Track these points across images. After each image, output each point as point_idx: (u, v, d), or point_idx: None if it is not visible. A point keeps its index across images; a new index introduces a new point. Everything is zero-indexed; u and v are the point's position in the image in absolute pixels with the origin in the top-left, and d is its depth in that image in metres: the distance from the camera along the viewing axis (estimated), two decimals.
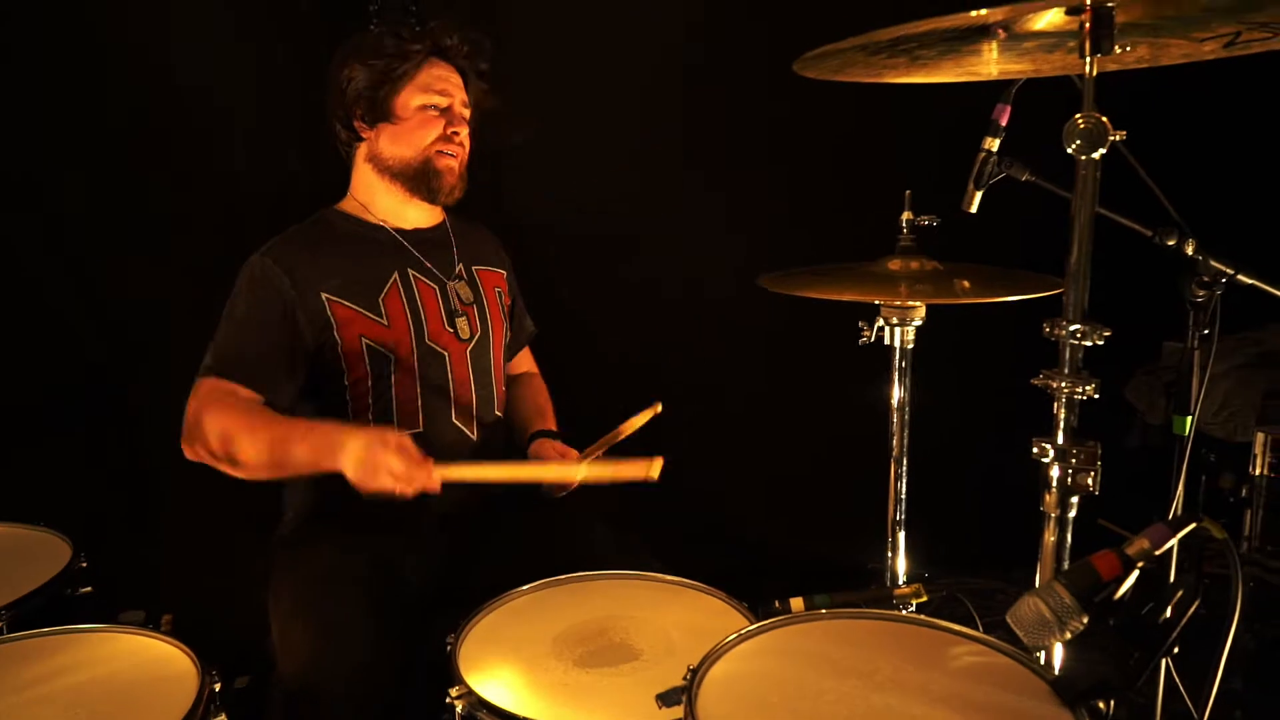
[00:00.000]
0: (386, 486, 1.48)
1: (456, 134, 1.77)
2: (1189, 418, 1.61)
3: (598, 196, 2.32)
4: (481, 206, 1.97)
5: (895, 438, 1.56)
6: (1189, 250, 1.52)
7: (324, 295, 1.69)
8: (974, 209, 1.53)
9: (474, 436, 1.81)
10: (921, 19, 1.01)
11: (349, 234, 1.80)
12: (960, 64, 1.26)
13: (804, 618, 1.23)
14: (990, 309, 1.38)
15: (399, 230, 1.82)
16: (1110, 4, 0.93)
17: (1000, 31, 1.19)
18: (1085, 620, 0.95)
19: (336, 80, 1.76)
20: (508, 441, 1.92)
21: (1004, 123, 1.49)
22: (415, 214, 1.84)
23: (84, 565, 1.72)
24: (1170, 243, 1.53)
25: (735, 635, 1.18)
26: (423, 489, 1.50)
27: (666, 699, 1.23)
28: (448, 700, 1.35)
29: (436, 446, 1.72)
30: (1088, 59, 0.97)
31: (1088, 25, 0.94)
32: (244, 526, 2.23)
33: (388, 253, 1.79)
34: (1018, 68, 1.28)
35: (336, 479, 1.68)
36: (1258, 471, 2.48)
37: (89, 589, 1.74)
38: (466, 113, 1.81)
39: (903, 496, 1.56)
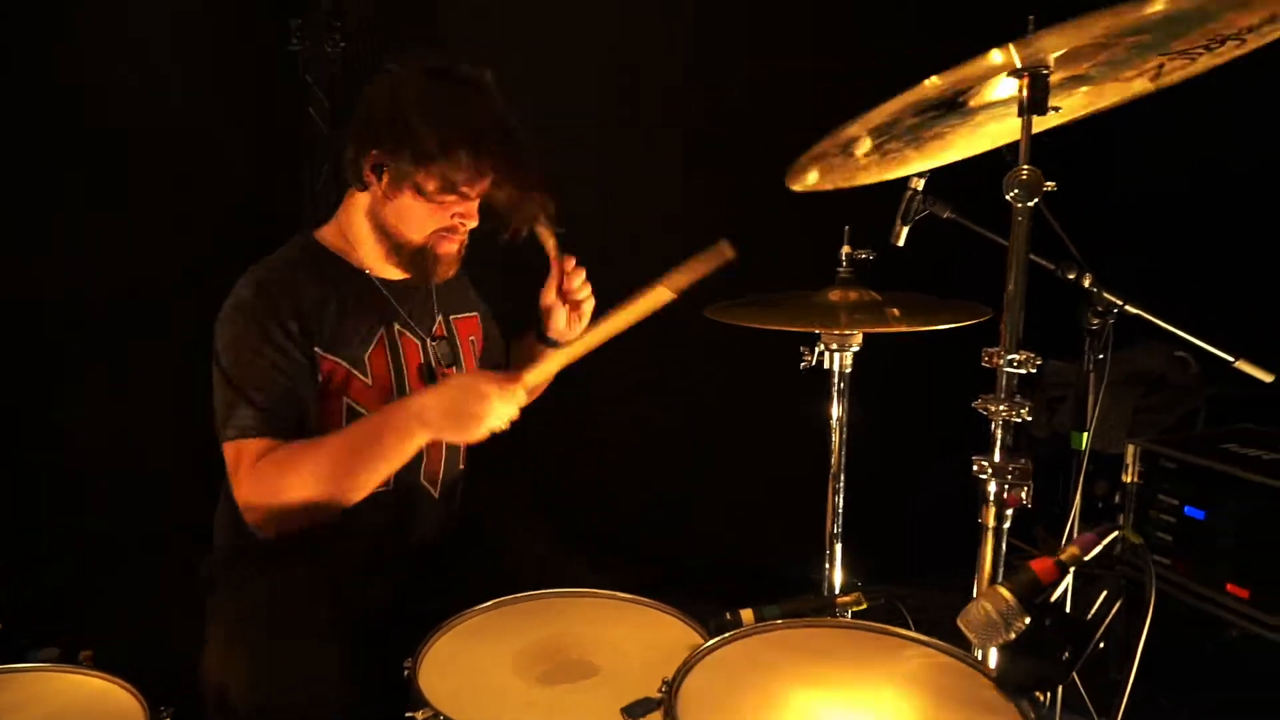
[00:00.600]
0: (492, 428, 1.46)
1: (464, 222, 1.66)
2: (1085, 433, 1.78)
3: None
4: None
5: (834, 455, 1.66)
6: (1086, 283, 1.70)
7: (317, 349, 1.60)
8: (902, 243, 1.66)
9: (436, 494, 1.79)
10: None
11: (337, 279, 1.67)
12: (922, 151, 1.37)
13: (763, 628, 1.31)
14: (922, 337, 1.50)
15: (383, 281, 1.71)
16: (1045, 70, 1.05)
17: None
18: (1027, 620, 1.06)
19: (379, 120, 1.57)
20: (465, 493, 1.90)
21: None
22: (396, 269, 1.74)
23: None
24: (1070, 276, 1.70)
25: (706, 646, 1.24)
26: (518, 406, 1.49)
27: (632, 712, 1.28)
28: None
29: (401, 504, 1.73)
30: (1025, 118, 1.08)
31: (1025, 91, 1.06)
32: (156, 558, 2.17)
33: (373, 305, 1.69)
34: (979, 146, 1.39)
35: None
36: (1128, 479, 2.73)
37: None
38: (477, 194, 1.66)
39: (839, 510, 1.66)
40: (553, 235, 1.70)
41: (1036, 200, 1.11)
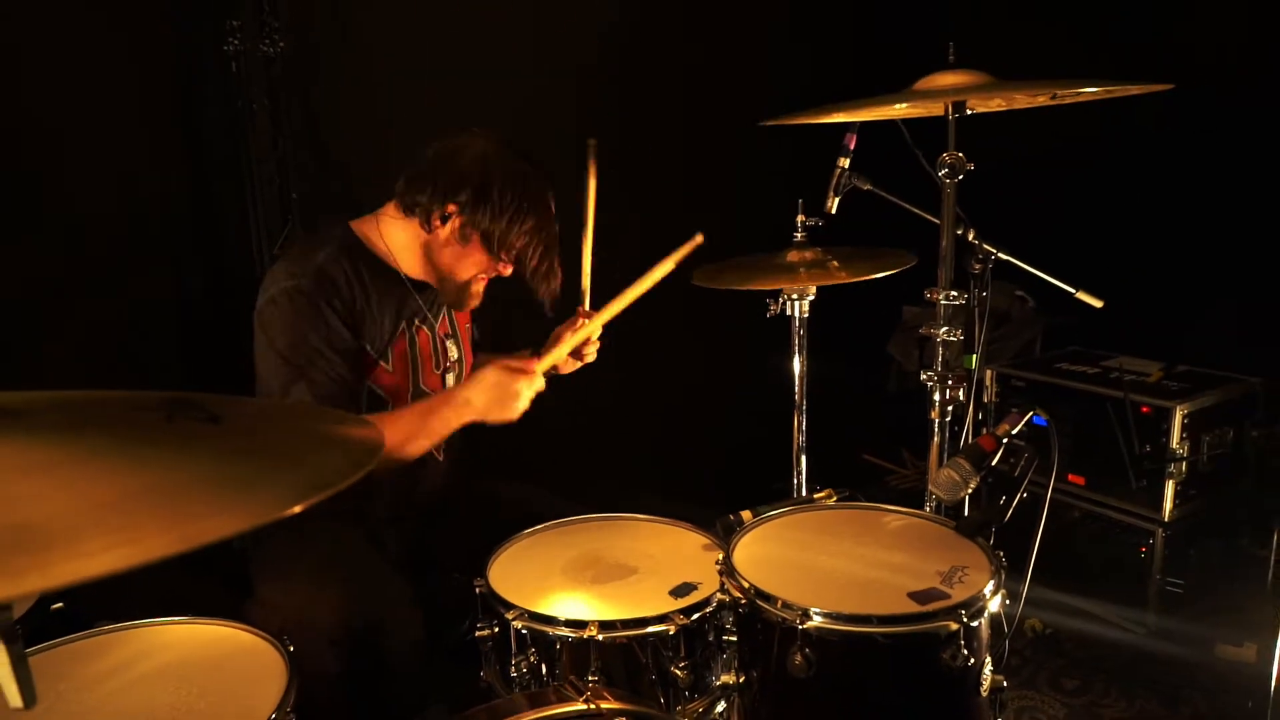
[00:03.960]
0: (523, 406, 1.75)
1: (503, 272, 1.89)
2: (974, 355, 2.25)
3: None
4: None
5: (797, 388, 2.04)
6: (970, 236, 2.15)
7: (362, 342, 1.82)
8: (833, 210, 2.05)
9: (440, 457, 2.04)
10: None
11: (373, 274, 1.85)
12: (874, 112, 1.75)
13: (774, 516, 1.67)
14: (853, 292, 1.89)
15: (409, 278, 1.90)
16: (970, 111, 1.44)
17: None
18: (978, 480, 1.48)
19: (464, 176, 1.77)
20: (462, 452, 2.13)
21: (852, 146, 2.02)
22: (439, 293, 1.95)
23: None
24: (958, 231, 2.15)
25: (742, 529, 1.59)
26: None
27: (678, 592, 1.63)
28: (483, 633, 1.64)
29: (413, 470, 1.96)
30: (950, 117, 1.48)
31: (950, 106, 1.45)
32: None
33: (399, 300, 1.89)
34: (915, 111, 1.77)
35: None
36: (987, 399, 3.29)
37: (60, 605, 1.78)
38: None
39: (804, 430, 2.05)
40: (588, 292, 1.97)
41: (961, 176, 1.51)
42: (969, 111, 1.51)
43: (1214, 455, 2.81)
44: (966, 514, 1.54)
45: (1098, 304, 2.25)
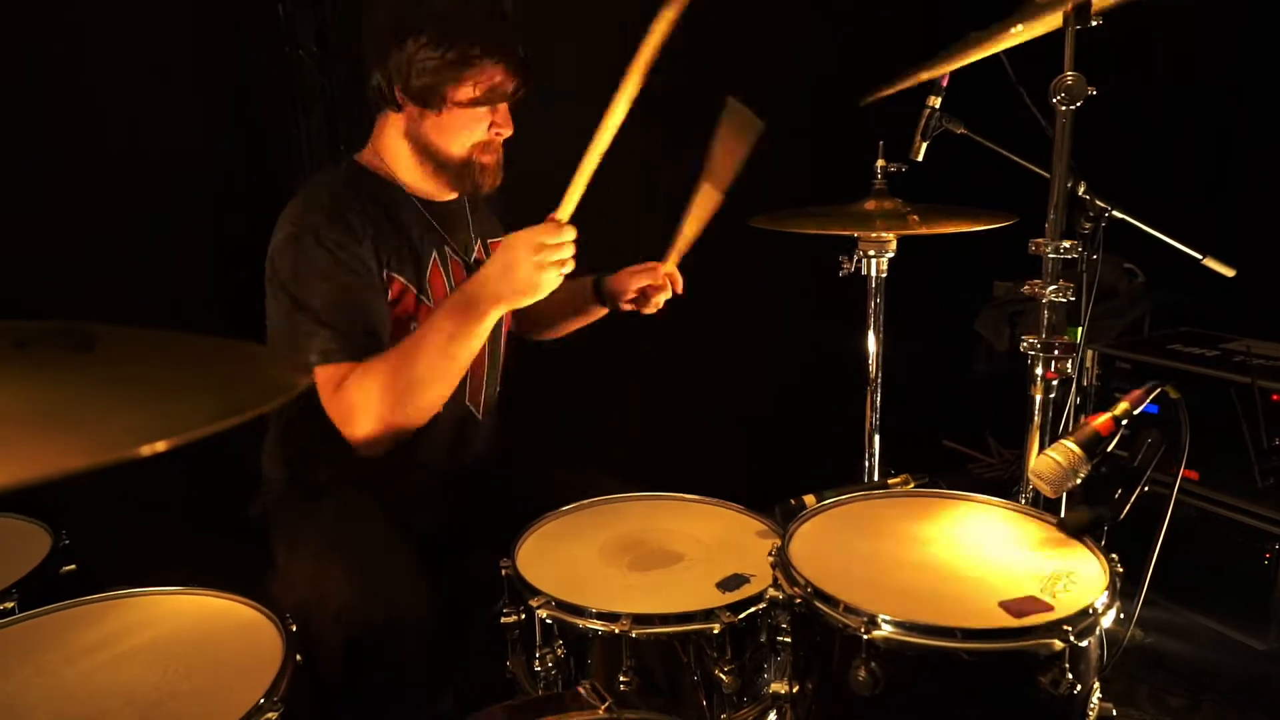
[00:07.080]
0: (555, 276, 1.49)
1: (501, 132, 1.69)
2: (1079, 328, 1.97)
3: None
4: None
5: (871, 359, 1.80)
6: (1080, 191, 1.87)
7: (386, 270, 1.65)
8: (920, 157, 1.79)
9: (480, 416, 1.87)
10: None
11: (388, 201, 1.70)
12: (983, 49, 1.49)
13: (844, 501, 1.45)
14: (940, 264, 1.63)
15: (424, 201, 1.75)
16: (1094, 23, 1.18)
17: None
18: (1089, 469, 1.23)
19: (391, 38, 1.59)
20: (503, 412, 1.97)
21: (945, 83, 1.76)
22: (440, 187, 1.77)
23: (67, 543, 1.66)
24: (1067, 185, 1.87)
25: (800, 516, 1.38)
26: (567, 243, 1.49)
27: (726, 585, 1.43)
28: (509, 619, 1.47)
29: (447, 427, 1.79)
30: (1070, 28, 1.22)
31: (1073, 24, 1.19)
32: (198, 501, 2.20)
33: (421, 227, 1.73)
34: (1026, 35, 1.51)
35: (318, 449, 1.69)
36: (1087, 382, 2.98)
37: (73, 566, 1.68)
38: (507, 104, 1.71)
39: (878, 407, 1.81)
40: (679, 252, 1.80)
41: (1080, 103, 1.26)
42: (1094, 23, 1.25)
43: None
44: (1074, 505, 1.29)
45: (1229, 272, 1.96)
